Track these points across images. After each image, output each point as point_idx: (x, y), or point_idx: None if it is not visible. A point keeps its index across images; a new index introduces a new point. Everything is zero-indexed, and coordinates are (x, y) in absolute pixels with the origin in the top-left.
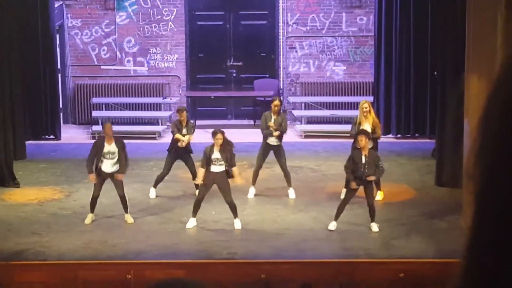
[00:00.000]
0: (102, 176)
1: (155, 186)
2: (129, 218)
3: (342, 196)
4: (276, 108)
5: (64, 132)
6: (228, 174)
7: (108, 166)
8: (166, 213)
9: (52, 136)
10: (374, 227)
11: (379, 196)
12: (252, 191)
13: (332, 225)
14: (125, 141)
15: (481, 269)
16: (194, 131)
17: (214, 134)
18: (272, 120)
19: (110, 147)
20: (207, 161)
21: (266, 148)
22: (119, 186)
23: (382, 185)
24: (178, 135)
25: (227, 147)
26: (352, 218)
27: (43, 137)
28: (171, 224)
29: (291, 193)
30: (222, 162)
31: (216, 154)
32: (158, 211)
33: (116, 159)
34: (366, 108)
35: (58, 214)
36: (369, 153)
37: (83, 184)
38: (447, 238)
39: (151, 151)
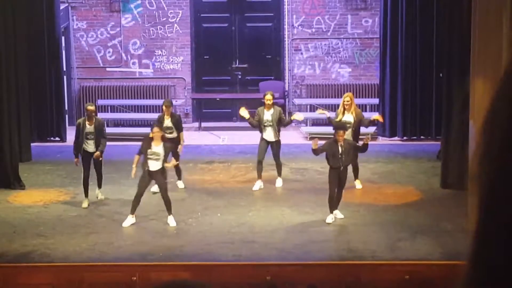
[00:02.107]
0: (87, 157)
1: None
2: (99, 194)
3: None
4: (269, 102)
5: (70, 134)
6: (164, 170)
7: (91, 146)
8: None
9: (57, 138)
10: (339, 214)
11: (359, 184)
12: (258, 184)
13: (330, 218)
14: (131, 143)
15: (487, 271)
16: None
17: (151, 128)
18: (268, 116)
19: (91, 127)
20: (145, 156)
21: (263, 143)
22: (98, 164)
23: (387, 187)
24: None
25: (166, 142)
26: (358, 219)
27: (48, 139)
28: (177, 226)
29: (278, 182)
30: (159, 157)
31: (155, 149)
32: (163, 213)
33: (94, 139)
34: (348, 101)
35: (63, 216)
36: (344, 143)
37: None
38: (452, 240)
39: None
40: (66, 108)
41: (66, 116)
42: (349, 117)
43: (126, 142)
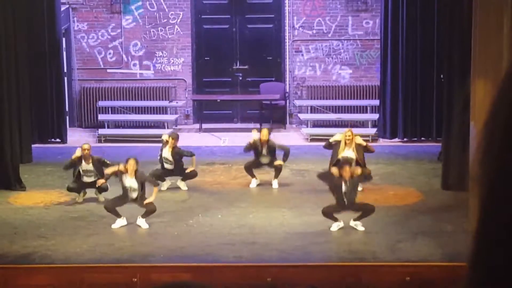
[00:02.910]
0: (79, 184)
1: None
2: (100, 197)
3: None
4: (264, 137)
5: (70, 136)
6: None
7: (90, 179)
8: (172, 216)
9: (58, 140)
10: (359, 226)
11: (359, 186)
12: (254, 182)
13: (335, 226)
14: (131, 144)
15: (486, 271)
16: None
17: (126, 161)
18: (263, 152)
19: (88, 166)
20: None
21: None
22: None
23: (387, 188)
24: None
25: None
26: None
27: (49, 140)
28: (178, 228)
29: (274, 183)
30: (136, 190)
31: (130, 182)
32: (164, 214)
33: (93, 177)
34: (349, 136)
35: (64, 217)
36: (349, 180)
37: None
38: (453, 241)
39: (157, 154)
40: (67, 109)
41: (67, 117)
42: (349, 153)
43: (126, 144)
